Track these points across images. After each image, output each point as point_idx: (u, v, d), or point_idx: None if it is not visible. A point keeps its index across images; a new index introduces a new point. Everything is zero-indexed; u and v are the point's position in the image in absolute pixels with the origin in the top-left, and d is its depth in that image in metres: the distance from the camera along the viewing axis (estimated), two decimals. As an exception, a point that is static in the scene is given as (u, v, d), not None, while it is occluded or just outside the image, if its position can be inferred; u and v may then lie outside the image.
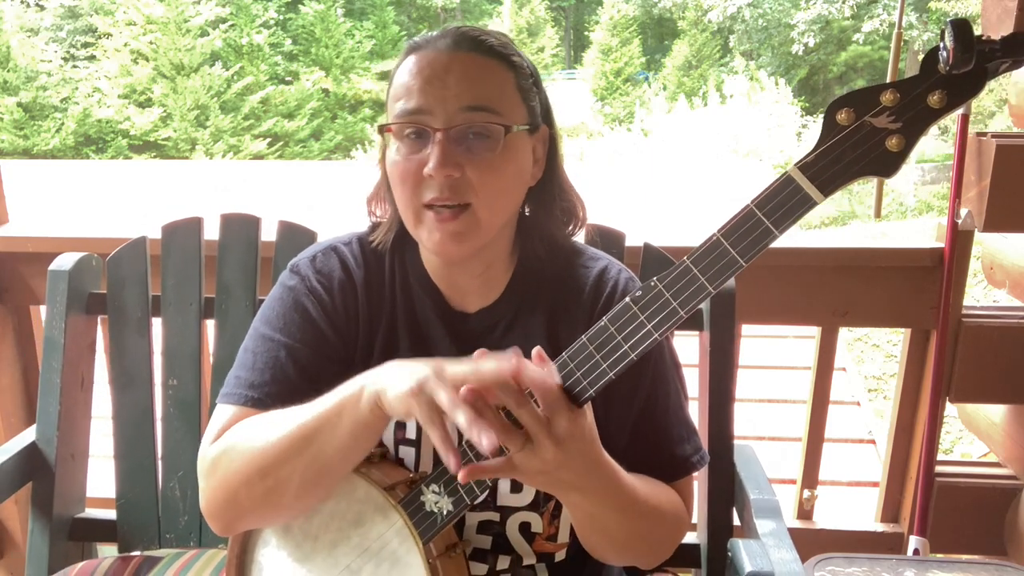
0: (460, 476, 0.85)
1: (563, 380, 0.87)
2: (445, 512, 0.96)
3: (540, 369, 0.86)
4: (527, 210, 1.12)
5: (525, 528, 1.09)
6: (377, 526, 1.00)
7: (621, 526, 0.98)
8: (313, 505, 1.01)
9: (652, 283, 0.84)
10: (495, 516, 1.09)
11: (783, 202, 0.79)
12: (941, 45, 0.73)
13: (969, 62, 0.72)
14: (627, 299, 0.85)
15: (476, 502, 0.97)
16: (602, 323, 0.86)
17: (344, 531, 1.02)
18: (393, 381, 0.87)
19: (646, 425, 1.08)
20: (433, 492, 0.97)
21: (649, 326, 0.84)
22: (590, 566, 1.13)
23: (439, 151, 0.96)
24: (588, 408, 0.89)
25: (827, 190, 0.78)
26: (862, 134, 0.77)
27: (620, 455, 0.99)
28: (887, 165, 0.77)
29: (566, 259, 1.13)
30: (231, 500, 0.99)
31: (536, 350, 0.89)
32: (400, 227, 1.09)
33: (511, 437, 0.85)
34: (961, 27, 0.71)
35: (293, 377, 1.04)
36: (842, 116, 0.77)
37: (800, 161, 0.79)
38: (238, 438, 0.99)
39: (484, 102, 0.98)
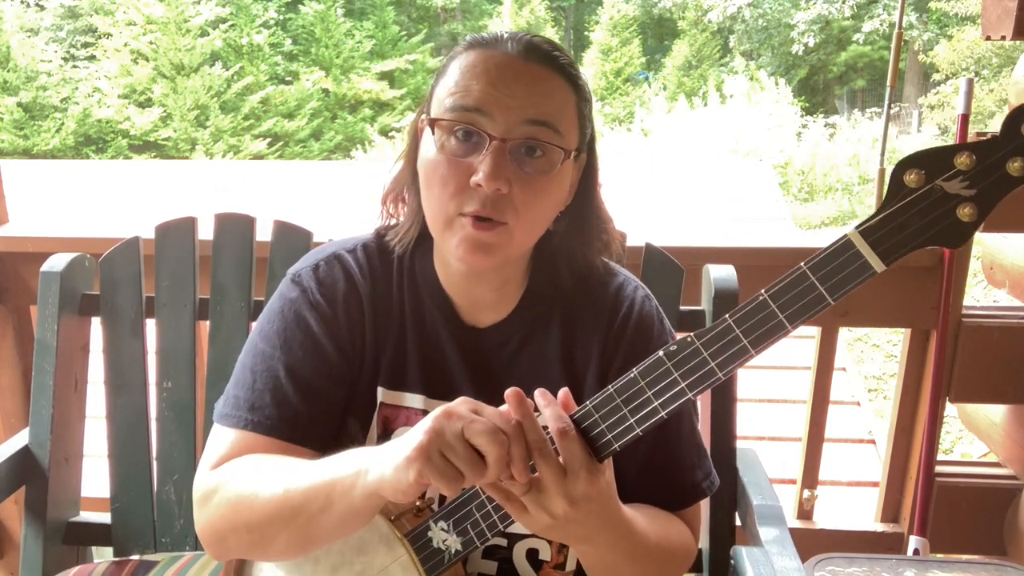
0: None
1: (586, 431, 0.82)
2: (453, 551, 0.91)
3: (565, 416, 0.81)
4: (551, 228, 1.05)
5: (533, 555, 1.05)
6: (381, 556, 0.96)
7: (630, 569, 0.95)
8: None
9: (688, 339, 0.79)
10: (503, 542, 1.05)
11: (840, 268, 0.73)
12: None
13: None
14: (660, 353, 0.80)
15: (486, 544, 0.92)
16: (632, 375, 0.81)
17: (346, 556, 0.98)
18: (389, 460, 0.81)
19: (658, 451, 1.03)
20: (441, 529, 0.92)
21: (683, 384, 0.79)
22: None
23: (492, 161, 0.89)
24: (609, 466, 0.84)
25: (889, 259, 0.72)
26: (932, 200, 0.70)
27: (629, 483, 0.96)
28: (956, 236, 0.70)
29: (581, 274, 1.07)
30: (220, 539, 0.97)
31: (563, 392, 0.84)
32: (417, 231, 1.04)
33: (520, 471, 0.79)
34: None
35: (294, 400, 0.99)
36: (911, 177, 0.71)
37: (862, 225, 0.73)
38: (230, 481, 0.95)
39: (548, 119, 0.91)
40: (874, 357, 6.75)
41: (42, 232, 2.01)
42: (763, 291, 0.75)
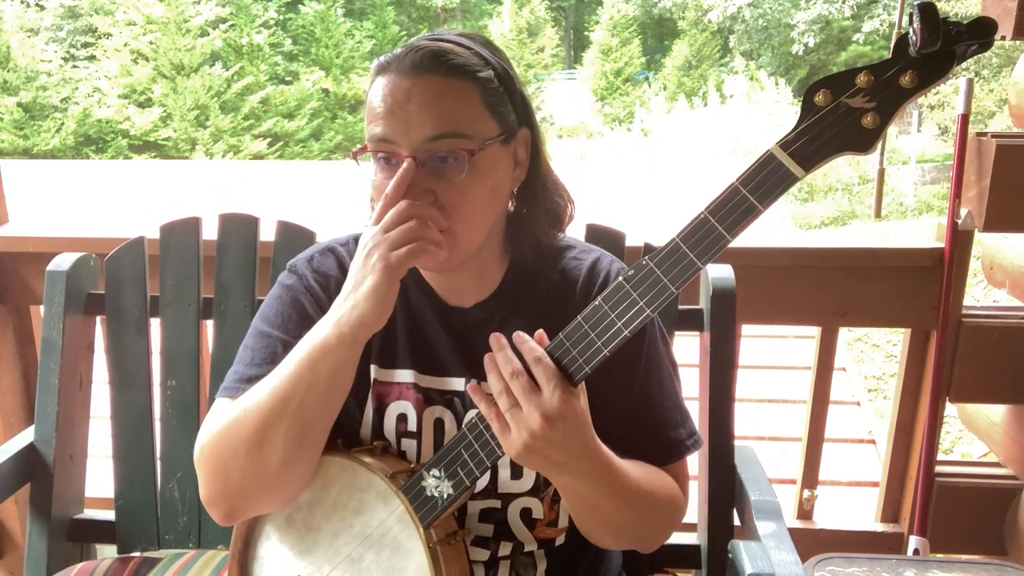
0: (469, 388, 0.93)
1: (559, 359, 0.90)
2: (445, 496, 0.98)
3: (539, 348, 0.90)
4: (513, 207, 1.12)
5: (526, 514, 1.10)
6: (378, 513, 1.02)
7: (615, 510, 1.00)
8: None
9: (643, 262, 0.87)
10: (496, 503, 1.10)
11: (766, 179, 0.82)
12: (911, 29, 0.76)
13: (935, 43, 0.75)
14: (620, 278, 0.88)
15: (476, 484, 0.98)
16: (596, 302, 0.89)
17: (346, 520, 1.04)
18: (356, 298, 0.94)
19: (640, 409, 1.09)
20: (434, 476, 0.98)
21: (641, 303, 0.87)
22: (590, 552, 1.14)
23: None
24: (583, 393, 0.92)
25: (808, 166, 0.81)
26: (839, 113, 0.80)
27: (615, 442, 1.00)
28: (863, 141, 0.80)
29: (558, 255, 1.14)
30: (223, 478, 1.01)
31: (539, 332, 0.92)
32: None
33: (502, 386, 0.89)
34: (927, 10, 0.74)
35: None
36: (820, 98, 0.80)
37: (781, 140, 0.82)
38: (223, 418, 1.01)
39: (448, 128, 0.97)
40: (874, 357, 6.77)
41: (42, 232, 2.02)
42: (703, 210, 0.84)
